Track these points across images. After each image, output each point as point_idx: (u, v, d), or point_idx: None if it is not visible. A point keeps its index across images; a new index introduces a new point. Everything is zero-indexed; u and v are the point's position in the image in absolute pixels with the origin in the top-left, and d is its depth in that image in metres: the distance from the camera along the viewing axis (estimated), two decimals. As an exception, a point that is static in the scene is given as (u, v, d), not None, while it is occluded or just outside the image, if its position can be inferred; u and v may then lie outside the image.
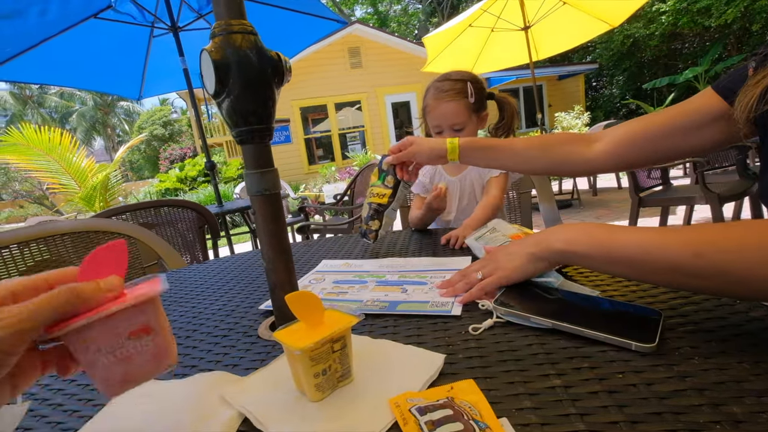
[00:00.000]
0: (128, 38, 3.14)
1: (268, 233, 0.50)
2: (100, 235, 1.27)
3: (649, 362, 0.36)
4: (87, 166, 5.23)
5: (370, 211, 0.87)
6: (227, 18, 0.48)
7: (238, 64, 0.47)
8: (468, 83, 1.11)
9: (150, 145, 21.71)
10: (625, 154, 0.67)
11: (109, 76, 3.45)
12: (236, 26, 0.48)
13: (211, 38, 0.48)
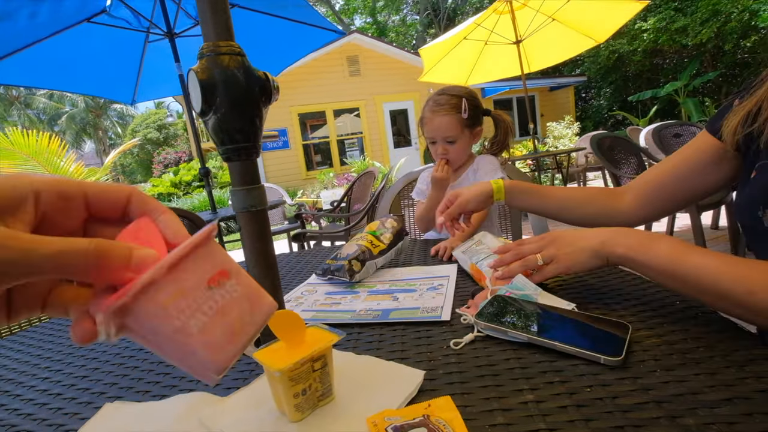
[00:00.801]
0: (123, 43, 3.08)
1: (254, 251, 0.52)
2: None
3: (616, 375, 0.38)
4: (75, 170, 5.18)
5: (357, 251, 0.82)
6: (215, 39, 0.50)
7: (224, 83, 0.48)
8: (463, 99, 1.16)
9: (143, 149, 21.50)
10: (651, 205, 0.72)
11: (102, 80, 3.42)
12: (224, 47, 0.49)
13: (198, 59, 0.50)
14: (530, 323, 0.48)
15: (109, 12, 2.82)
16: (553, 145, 8.42)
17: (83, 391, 0.51)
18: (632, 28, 11.06)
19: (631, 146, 2.90)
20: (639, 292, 0.57)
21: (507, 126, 1.23)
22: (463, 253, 0.78)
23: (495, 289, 0.58)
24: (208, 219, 2.52)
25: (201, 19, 0.49)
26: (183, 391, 0.47)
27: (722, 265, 0.44)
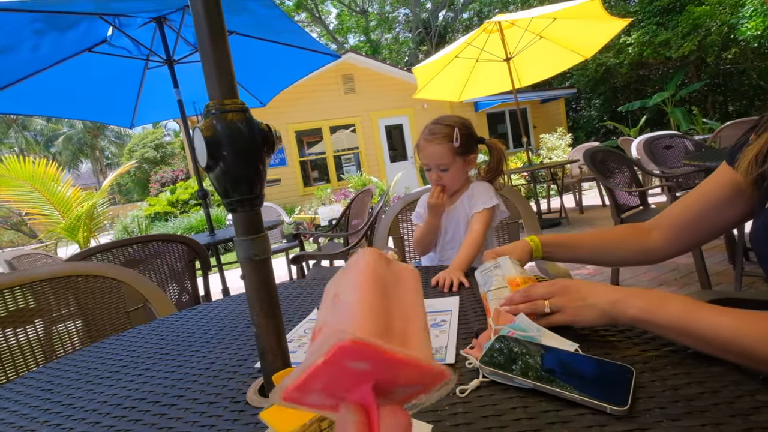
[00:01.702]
0: (123, 70, 3.18)
1: (258, 299, 0.52)
2: (81, 279, 1.22)
3: (623, 427, 0.39)
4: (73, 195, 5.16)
5: None
6: (220, 98, 0.51)
7: (229, 137, 0.50)
8: (456, 129, 1.19)
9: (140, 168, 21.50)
10: (678, 242, 0.73)
11: (102, 106, 3.49)
12: (229, 105, 0.51)
13: (204, 117, 0.51)
14: (535, 368, 0.48)
15: (110, 42, 2.90)
16: (546, 156, 8.51)
17: None
18: (617, 43, 11.40)
19: (623, 158, 2.94)
20: (640, 329, 0.57)
21: (500, 153, 1.26)
22: (481, 275, 0.77)
23: (498, 329, 0.58)
24: (206, 242, 2.51)
25: (207, 78, 0.51)
26: None
27: (739, 322, 0.44)
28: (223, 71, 0.50)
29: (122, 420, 0.56)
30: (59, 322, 1.18)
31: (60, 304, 1.18)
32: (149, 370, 0.72)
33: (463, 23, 20.48)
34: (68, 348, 1.17)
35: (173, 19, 2.80)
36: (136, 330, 0.97)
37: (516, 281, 0.70)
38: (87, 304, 1.23)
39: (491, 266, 0.77)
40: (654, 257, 0.76)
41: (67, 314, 1.20)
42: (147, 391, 0.64)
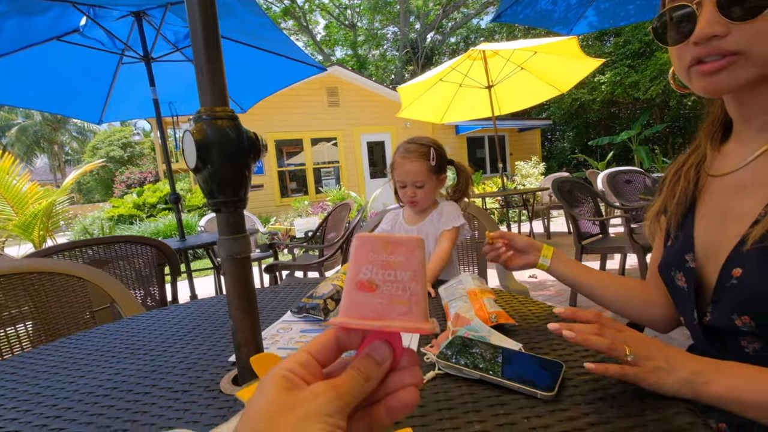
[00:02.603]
0: (94, 63, 2.99)
1: (236, 294, 0.56)
2: (44, 277, 1.16)
3: (549, 408, 0.46)
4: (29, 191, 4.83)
5: (333, 291, 0.85)
6: (212, 105, 0.55)
7: (218, 142, 0.54)
8: (431, 149, 1.27)
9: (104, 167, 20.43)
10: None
11: (68, 99, 3.27)
12: (220, 112, 0.55)
13: (194, 121, 0.55)
14: (482, 362, 0.55)
15: (82, 32, 2.72)
16: (520, 182, 8.84)
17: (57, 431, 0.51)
18: (592, 80, 12.16)
19: (589, 190, 3.13)
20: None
21: (468, 175, 1.37)
22: (445, 290, 0.85)
23: (455, 330, 0.65)
24: (177, 247, 2.47)
25: (200, 87, 0.55)
26: (162, 429, 0.49)
27: None
28: (216, 82, 0.55)
29: (94, 406, 0.57)
30: (9, 325, 1.11)
31: (11, 303, 1.11)
32: (120, 363, 0.72)
33: (450, 47, 21.17)
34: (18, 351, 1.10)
35: (154, 15, 2.69)
36: (104, 327, 0.95)
37: (474, 291, 0.77)
38: (45, 304, 1.17)
39: (454, 282, 0.85)
40: (657, 311, 0.74)
41: (17, 315, 1.12)
42: (119, 381, 0.65)
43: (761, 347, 0.54)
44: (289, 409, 0.22)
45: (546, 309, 0.79)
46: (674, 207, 0.66)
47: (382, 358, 0.27)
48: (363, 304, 0.27)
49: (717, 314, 0.57)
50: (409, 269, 0.27)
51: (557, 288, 3.36)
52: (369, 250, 0.27)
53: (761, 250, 0.51)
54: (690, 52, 0.54)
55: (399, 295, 0.27)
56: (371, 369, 0.26)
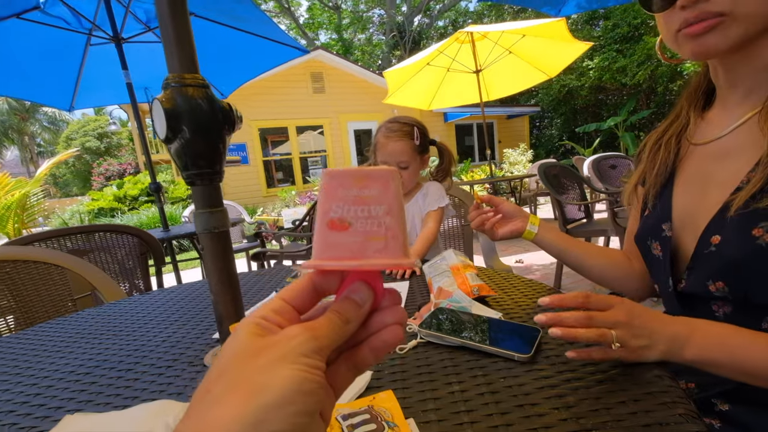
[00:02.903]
0: (59, 44, 2.80)
1: (216, 269, 0.56)
2: (20, 266, 1.14)
3: (525, 369, 0.47)
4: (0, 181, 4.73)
5: None
6: (180, 72, 0.53)
7: (189, 112, 0.51)
8: (414, 127, 1.26)
9: (80, 159, 19.70)
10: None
11: (34, 84, 3.06)
12: (189, 79, 0.52)
13: (163, 89, 0.53)
14: (463, 330, 0.56)
15: (44, 9, 2.50)
16: (509, 170, 8.90)
17: (39, 407, 0.51)
18: (580, 65, 12.20)
19: (575, 175, 3.17)
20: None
21: (450, 156, 1.36)
22: (428, 266, 0.86)
23: (438, 302, 0.66)
24: (160, 237, 2.42)
25: (166, 51, 0.52)
26: (146, 401, 0.49)
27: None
28: (183, 45, 0.52)
29: (76, 383, 0.57)
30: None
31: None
32: (102, 344, 0.72)
33: (437, 30, 20.91)
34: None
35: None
36: (85, 312, 0.94)
37: (457, 267, 0.79)
38: (24, 293, 1.14)
39: (438, 259, 0.86)
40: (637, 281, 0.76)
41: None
42: (101, 360, 0.65)
43: (731, 311, 0.56)
44: (260, 352, 0.21)
45: (528, 282, 0.80)
46: (653, 178, 0.67)
47: (362, 299, 0.26)
48: (336, 244, 0.25)
49: (692, 281, 0.58)
50: (383, 203, 0.25)
51: (543, 272, 3.43)
52: (338, 186, 0.25)
53: (740, 217, 0.52)
54: (678, 17, 0.53)
55: (374, 231, 0.25)
56: (351, 311, 0.25)
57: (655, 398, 0.39)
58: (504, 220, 0.83)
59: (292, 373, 0.20)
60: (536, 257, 3.97)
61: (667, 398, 0.39)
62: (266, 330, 0.22)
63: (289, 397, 0.19)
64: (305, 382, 0.20)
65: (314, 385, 0.20)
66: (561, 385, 0.43)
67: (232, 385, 0.20)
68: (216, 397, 0.19)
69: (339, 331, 0.24)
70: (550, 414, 0.39)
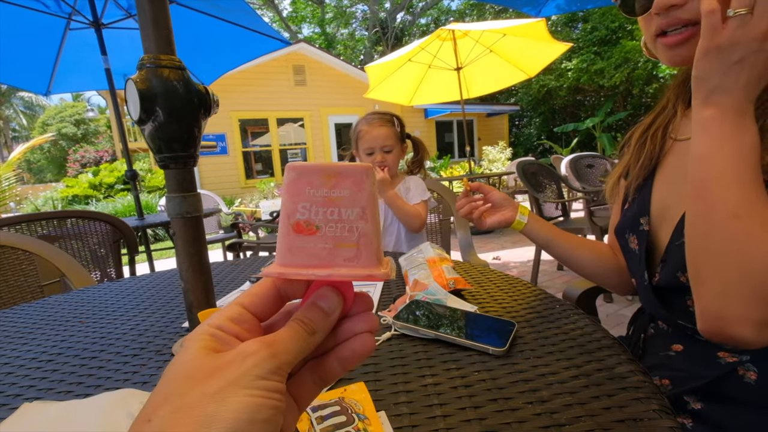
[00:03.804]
0: (37, 27, 2.76)
1: (187, 255, 0.54)
2: None
3: (500, 362, 0.47)
4: None
5: None
6: (156, 52, 0.51)
7: (164, 94, 0.50)
8: (394, 117, 1.32)
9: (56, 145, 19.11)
10: None
11: (9, 66, 3.00)
12: (165, 60, 0.51)
13: (138, 69, 0.51)
14: (438, 323, 0.55)
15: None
16: (488, 167, 9.01)
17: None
18: (559, 66, 12.46)
19: (553, 174, 3.24)
20: (530, 298, 0.67)
21: (424, 147, 1.43)
22: (405, 260, 0.85)
23: (413, 295, 0.65)
24: (135, 225, 2.36)
25: (142, 32, 0.51)
26: (109, 389, 0.48)
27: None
28: (160, 25, 0.51)
29: (37, 371, 0.55)
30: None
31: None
32: (67, 331, 0.70)
33: (420, 28, 20.96)
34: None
35: (102, -26, 2.51)
36: (51, 298, 0.91)
37: (433, 259, 0.78)
38: None
39: (415, 252, 0.86)
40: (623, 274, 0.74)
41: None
42: (65, 347, 0.63)
43: None
44: (211, 375, 0.18)
45: (504, 277, 0.81)
46: (637, 171, 0.67)
47: (331, 307, 0.23)
48: (302, 249, 0.23)
49: (665, 273, 0.59)
50: (356, 205, 0.23)
51: (520, 269, 3.49)
52: (306, 184, 0.23)
53: None
54: (654, 22, 0.54)
55: (345, 237, 0.23)
56: (317, 320, 0.23)
57: (629, 394, 0.39)
58: (493, 209, 0.82)
59: (245, 400, 0.18)
60: (513, 254, 4.04)
61: (641, 394, 0.39)
62: (222, 343, 0.20)
63: (241, 430, 0.17)
64: (260, 410, 0.18)
65: (271, 411, 0.18)
66: (535, 380, 0.43)
67: (176, 416, 0.17)
68: (157, 428, 0.17)
69: (303, 343, 0.22)
70: (524, 408, 0.38)
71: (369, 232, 0.23)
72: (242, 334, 0.21)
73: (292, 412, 0.23)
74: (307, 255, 0.23)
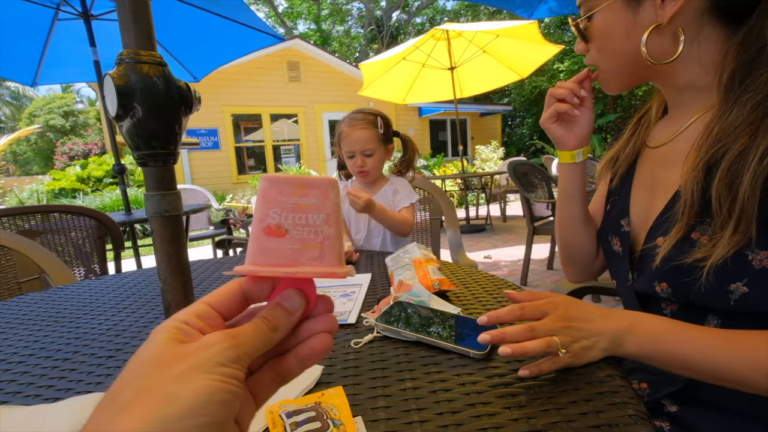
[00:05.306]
0: (24, 17, 2.73)
1: (165, 254, 0.53)
2: None
3: (480, 366, 0.47)
4: None
5: None
6: (135, 47, 0.50)
7: (143, 90, 0.49)
8: (378, 117, 1.27)
9: (44, 137, 18.83)
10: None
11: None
12: (145, 56, 0.50)
13: (116, 64, 0.50)
14: (420, 325, 0.55)
15: None
16: (480, 166, 9.04)
17: None
18: (551, 68, 12.53)
19: (544, 174, 3.25)
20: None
21: (414, 147, 1.38)
22: (391, 260, 0.85)
23: (397, 296, 0.65)
24: (121, 221, 2.32)
25: (122, 25, 0.50)
26: (80, 393, 0.47)
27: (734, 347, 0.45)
28: (140, 19, 0.50)
29: (6, 373, 0.54)
30: None
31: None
32: (42, 331, 0.68)
33: (415, 27, 20.96)
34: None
35: (92, -36, 2.49)
36: (27, 296, 0.89)
37: (419, 260, 0.78)
38: None
39: (401, 252, 0.85)
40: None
41: None
42: (38, 348, 0.61)
43: (677, 310, 0.58)
44: (175, 360, 0.20)
45: (489, 278, 0.81)
46: (623, 158, 0.68)
47: (294, 307, 0.25)
48: (271, 250, 0.25)
49: (641, 281, 0.60)
50: (321, 212, 0.26)
51: (510, 268, 3.51)
52: (278, 193, 0.25)
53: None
54: None
55: (311, 239, 0.25)
56: (280, 318, 0.24)
57: (606, 398, 0.39)
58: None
59: (204, 383, 0.19)
60: (504, 254, 4.06)
61: (618, 399, 0.39)
62: (186, 335, 0.21)
63: (198, 408, 0.18)
64: (218, 392, 0.19)
65: (228, 395, 0.19)
66: (514, 384, 0.43)
67: (138, 394, 0.18)
68: (120, 406, 0.18)
69: (265, 338, 0.23)
70: (501, 414, 0.38)
71: (332, 236, 0.26)
72: (205, 329, 0.22)
73: (249, 406, 0.24)
74: (276, 255, 0.25)
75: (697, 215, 0.51)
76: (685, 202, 0.51)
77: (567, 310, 0.48)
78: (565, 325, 0.47)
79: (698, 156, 0.51)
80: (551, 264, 3.32)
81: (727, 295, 0.49)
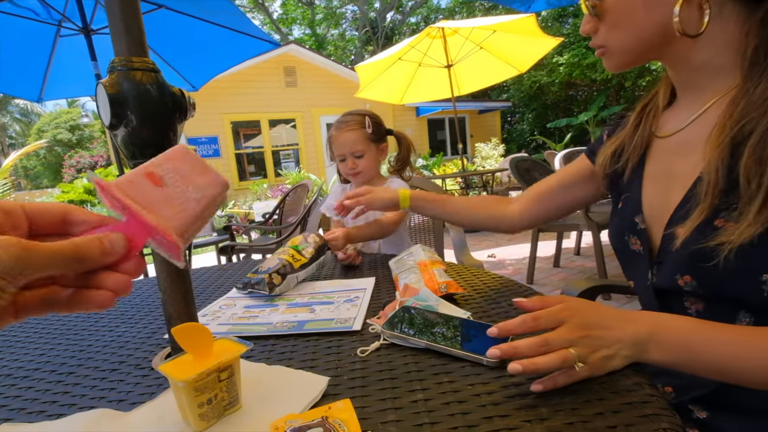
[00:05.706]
0: (28, 35, 2.81)
1: (165, 264, 0.51)
2: None
3: (494, 374, 0.44)
4: None
5: (278, 265, 0.83)
6: (127, 54, 0.49)
7: (136, 98, 0.48)
8: (366, 117, 1.25)
9: (52, 151, 19.11)
10: (533, 211, 0.82)
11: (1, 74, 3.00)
12: (137, 63, 0.49)
13: (108, 72, 0.49)
14: (429, 331, 0.53)
15: (13, 0, 2.52)
16: (481, 164, 9.01)
17: None
18: (550, 62, 12.43)
19: (546, 170, 3.22)
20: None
21: (408, 144, 1.35)
22: (395, 263, 0.83)
23: (403, 301, 0.63)
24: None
25: (113, 33, 0.49)
26: (83, 409, 0.46)
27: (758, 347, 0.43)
28: (132, 26, 0.48)
29: (11, 388, 0.53)
30: None
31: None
32: (48, 344, 0.67)
33: (410, 27, 20.95)
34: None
35: (92, -19, 2.55)
36: None
37: (424, 263, 0.76)
38: None
39: (405, 255, 0.83)
40: (506, 224, 0.85)
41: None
42: (43, 362, 0.60)
43: (703, 309, 0.54)
44: None
45: (498, 279, 0.78)
46: (630, 151, 0.65)
47: (113, 249, 0.25)
48: (139, 186, 0.27)
49: (661, 275, 0.57)
50: (200, 192, 0.28)
51: (515, 267, 3.48)
52: (181, 159, 0.28)
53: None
54: None
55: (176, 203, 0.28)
56: (92, 252, 0.24)
57: (636, 409, 0.37)
58: None
59: None
60: (509, 252, 4.03)
61: (649, 410, 0.36)
62: None
63: None
64: None
65: None
66: (533, 394, 0.40)
67: None
68: None
69: (63, 262, 0.22)
70: (521, 428, 0.36)
71: (194, 213, 0.28)
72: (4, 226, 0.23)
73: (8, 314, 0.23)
74: (139, 192, 0.27)
75: (721, 195, 0.48)
76: (709, 183, 0.48)
77: (585, 317, 0.45)
78: (583, 334, 0.43)
79: (723, 133, 0.48)
80: (558, 261, 3.29)
81: (759, 286, 0.45)
